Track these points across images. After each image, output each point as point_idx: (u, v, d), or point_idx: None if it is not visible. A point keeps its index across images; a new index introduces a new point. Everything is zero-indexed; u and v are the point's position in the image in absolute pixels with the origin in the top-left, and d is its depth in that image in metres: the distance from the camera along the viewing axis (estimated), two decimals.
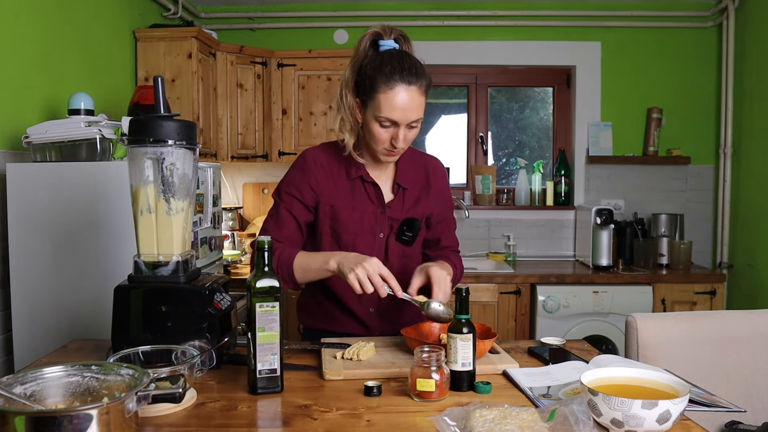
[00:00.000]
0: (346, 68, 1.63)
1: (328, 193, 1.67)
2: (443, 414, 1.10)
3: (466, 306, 1.31)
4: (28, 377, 1.06)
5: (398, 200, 1.71)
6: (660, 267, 3.56)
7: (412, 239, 1.71)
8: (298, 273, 1.59)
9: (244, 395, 1.27)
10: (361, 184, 1.68)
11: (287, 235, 1.67)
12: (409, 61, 1.54)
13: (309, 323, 1.80)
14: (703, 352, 1.77)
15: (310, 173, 1.67)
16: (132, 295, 1.39)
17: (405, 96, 1.51)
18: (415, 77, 1.52)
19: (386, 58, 1.54)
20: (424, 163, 1.78)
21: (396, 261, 1.71)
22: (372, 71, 1.54)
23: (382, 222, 1.69)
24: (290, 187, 1.69)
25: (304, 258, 1.60)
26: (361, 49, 1.61)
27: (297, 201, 1.67)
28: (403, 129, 1.55)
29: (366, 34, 1.61)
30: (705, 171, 3.88)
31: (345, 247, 1.67)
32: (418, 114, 1.55)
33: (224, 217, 3.59)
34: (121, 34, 3.04)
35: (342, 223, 1.67)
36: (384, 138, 1.57)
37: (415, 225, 1.70)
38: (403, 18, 3.83)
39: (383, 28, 1.59)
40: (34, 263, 2.10)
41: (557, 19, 3.83)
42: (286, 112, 3.59)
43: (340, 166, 1.69)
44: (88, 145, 2.16)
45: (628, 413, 1.03)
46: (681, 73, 3.84)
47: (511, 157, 4.18)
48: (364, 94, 1.57)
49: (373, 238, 1.69)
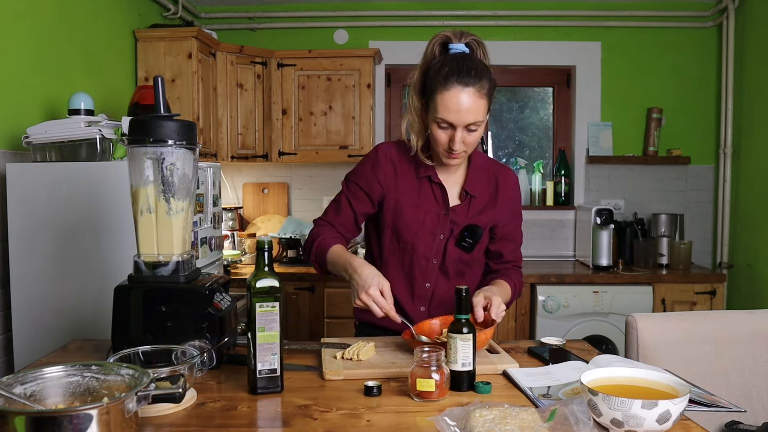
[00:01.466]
0: (415, 71, 1.63)
1: (395, 189, 1.70)
2: (443, 414, 1.09)
3: (466, 306, 1.31)
4: (28, 377, 1.06)
5: (464, 206, 1.71)
6: (660, 267, 3.56)
7: (471, 246, 1.70)
8: (329, 265, 1.65)
9: (244, 395, 1.27)
10: (428, 184, 1.70)
11: (342, 222, 1.74)
12: (469, 63, 1.53)
13: (364, 317, 1.78)
14: (703, 352, 1.77)
15: (380, 167, 1.70)
16: (132, 295, 1.39)
17: (460, 97, 1.51)
18: (474, 79, 1.51)
19: (448, 60, 1.54)
20: (496, 173, 1.76)
21: (452, 265, 1.72)
22: (434, 73, 1.55)
23: (444, 224, 1.69)
24: (359, 178, 1.73)
25: (337, 252, 1.64)
26: (429, 53, 1.61)
27: (362, 192, 1.71)
28: (460, 131, 1.54)
29: (435, 38, 1.61)
30: (705, 171, 3.88)
31: (404, 245, 1.70)
32: (475, 116, 1.53)
33: (224, 217, 3.59)
34: (121, 34, 3.04)
35: (404, 220, 1.69)
36: (442, 140, 1.57)
37: (477, 232, 1.69)
38: (403, 18, 3.83)
39: (453, 33, 1.59)
40: (34, 263, 2.10)
41: (557, 19, 3.83)
42: (286, 112, 3.59)
43: (411, 163, 1.70)
44: (88, 145, 2.16)
45: (628, 413, 1.03)
46: (681, 73, 3.84)
47: (511, 157, 4.18)
48: (426, 96, 1.58)
49: (433, 239, 1.69)
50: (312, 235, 1.73)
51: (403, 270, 1.72)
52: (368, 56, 3.57)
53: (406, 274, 1.72)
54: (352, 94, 3.57)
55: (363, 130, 3.58)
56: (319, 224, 1.77)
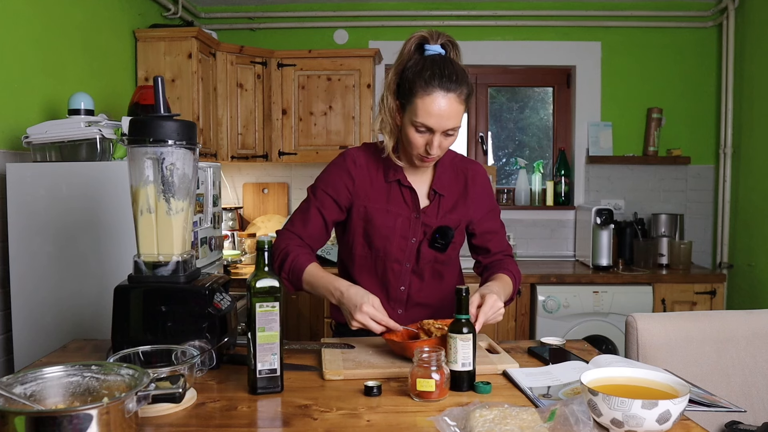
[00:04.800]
0: (390, 70, 1.62)
1: (364, 194, 1.68)
2: (443, 414, 1.10)
3: (466, 306, 1.31)
4: (28, 377, 1.06)
5: (434, 206, 1.70)
6: (660, 267, 3.56)
7: (444, 246, 1.69)
8: (306, 285, 1.60)
9: (244, 395, 1.28)
10: (397, 188, 1.68)
11: (310, 233, 1.68)
12: (450, 68, 1.52)
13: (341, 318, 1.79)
14: (703, 352, 1.77)
15: (347, 173, 1.68)
16: (132, 295, 1.39)
17: (442, 103, 1.50)
18: (455, 84, 1.51)
19: (428, 63, 1.53)
20: (464, 169, 1.75)
21: (428, 266, 1.71)
22: (412, 75, 1.53)
23: (415, 227, 1.68)
24: (326, 185, 1.69)
25: (314, 273, 1.59)
26: (406, 52, 1.60)
27: (330, 199, 1.68)
28: (438, 136, 1.54)
29: (412, 37, 1.60)
30: (705, 171, 3.88)
31: (376, 251, 1.68)
32: (454, 122, 1.54)
33: (224, 217, 3.59)
34: (121, 34, 3.04)
35: (375, 225, 1.67)
36: (419, 143, 1.56)
37: (448, 233, 1.68)
38: (403, 18, 3.83)
39: (430, 33, 1.58)
40: (34, 263, 2.10)
41: (557, 19, 3.83)
42: (286, 112, 3.59)
43: (379, 167, 1.69)
44: (88, 145, 2.16)
45: (628, 413, 1.03)
46: (681, 73, 3.84)
47: (511, 157, 4.18)
48: (403, 98, 1.57)
49: (405, 243, 1.68)
50: (281, 249, 1.65)
51: (377, 275, 1.71)
52: (368, 56, 3.57)
53: (380, 279, 1.71)
54: (352, 94, 3.57)
55: (363, 130, 3.58)
56: (285, 236, 1.70)
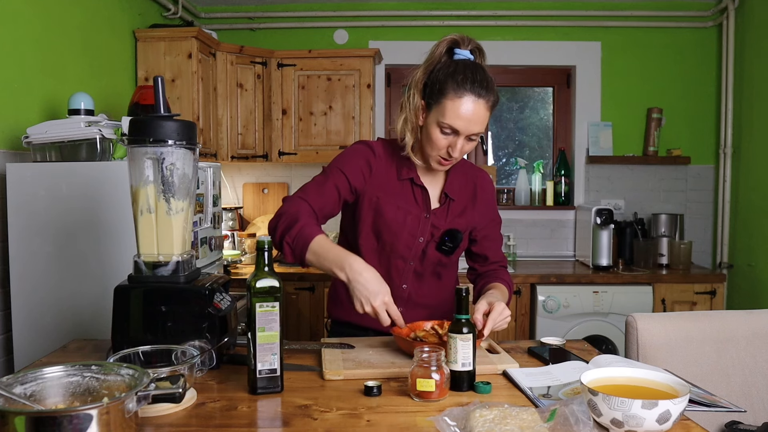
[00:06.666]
0: (418, 69, 1.63)
1: (378, 185, 1.68)
2: (443, 414, 1.09)
3: (466, 306, 1.31)
4: (28, 377, 1.06)
5: (443, 209, 1.71)
6: (660, 267, 3.56)
7: (451, 250, 1.70)
8: (311, 255, 1.50)
9: (244, 395, 1.27)
10: (409, 186, 1.69)
11: (323, 205, 1.62)
12: (482, 74, 1.54)
13: (338, 314, 1.79)
14: (703, 352, 1.77)
15: (366, 161, 1.68)
16: (132, 295, 1.39)
17: (472, 107, 1.52)
18: (485, 91, 1.53)
19: (460, 66, 1.55)
20: (474, 176, 1.78)
21: (429, 267, 1.72)
22: (444, 76, 1.54)
23: (424, 227, 1.69)
24: (345, 165, 1.66)
25: (323, 244, 1.50)
26: (437, 54, 1.61)
27: (346, 180, 1.65)
28: (462, 139, 1.55)
29: (443, 40, 1.61)
30: (705, 171, 3.88)
31: (383, 245, 1.69)
32: (479, 128, 1.55)
33: (224, 217, 3.59)
34: (121, 34, 3.04)
35: (385, 219, 1.67)
36: (441, 144, 1.57)
37: (457, 237, 1.69)
38: (403, 18, 3.83)
39: (461, 37, 1.59)
40: (34, 263, 2.10)
41: (557, 19, 3.83)
42: (286, 112, 3.59)
43: (393, 163, 1.69)
44: (88, 145, 2.16)
45: (628, 413, 1.03)
46: (681, 73, 3.84)
47: (511, 157, 4.18)
48: (431, 97, 1.57)
49: (413, 241, 1.69)
50: (290, 213, 1.55)
51: (381, 271, 1.65)
52: (368, 56, 3.57)
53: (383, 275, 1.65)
54: (352, 94, 3.57)
55: (363, 130, 3.58)
56: (295, 202, 1.60)
